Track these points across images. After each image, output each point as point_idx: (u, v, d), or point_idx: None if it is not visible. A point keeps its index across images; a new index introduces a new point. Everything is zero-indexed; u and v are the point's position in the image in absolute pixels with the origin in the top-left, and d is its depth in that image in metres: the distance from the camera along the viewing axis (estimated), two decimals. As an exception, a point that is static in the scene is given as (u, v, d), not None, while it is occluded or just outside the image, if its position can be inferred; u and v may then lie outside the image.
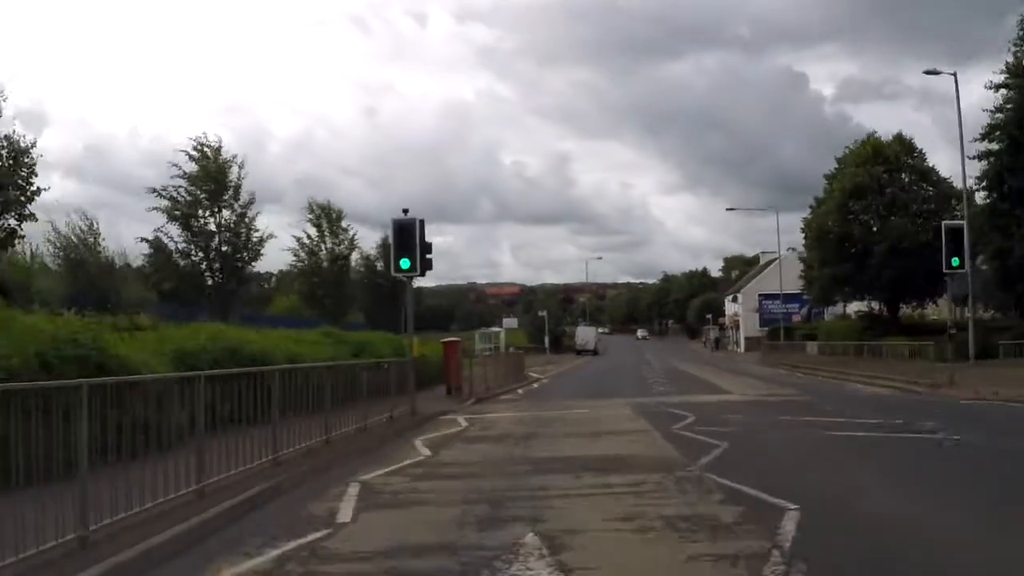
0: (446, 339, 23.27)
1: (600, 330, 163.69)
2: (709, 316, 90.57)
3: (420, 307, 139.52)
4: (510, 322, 67.55)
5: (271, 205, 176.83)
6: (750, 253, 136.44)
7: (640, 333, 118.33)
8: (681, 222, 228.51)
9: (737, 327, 72.33)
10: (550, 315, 77.05)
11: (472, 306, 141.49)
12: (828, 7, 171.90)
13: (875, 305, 44.66)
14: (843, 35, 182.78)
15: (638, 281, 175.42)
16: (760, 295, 71.10)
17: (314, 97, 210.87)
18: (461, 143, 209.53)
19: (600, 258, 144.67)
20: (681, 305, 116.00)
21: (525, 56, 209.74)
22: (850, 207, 39.87)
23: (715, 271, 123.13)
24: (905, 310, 42.41)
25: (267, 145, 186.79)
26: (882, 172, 39.70)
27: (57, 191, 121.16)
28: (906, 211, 38.34)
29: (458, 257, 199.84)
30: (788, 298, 72.01)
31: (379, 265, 47.00)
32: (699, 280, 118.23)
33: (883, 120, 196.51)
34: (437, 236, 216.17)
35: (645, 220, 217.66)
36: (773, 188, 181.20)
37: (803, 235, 43.15)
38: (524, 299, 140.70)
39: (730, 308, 79.21)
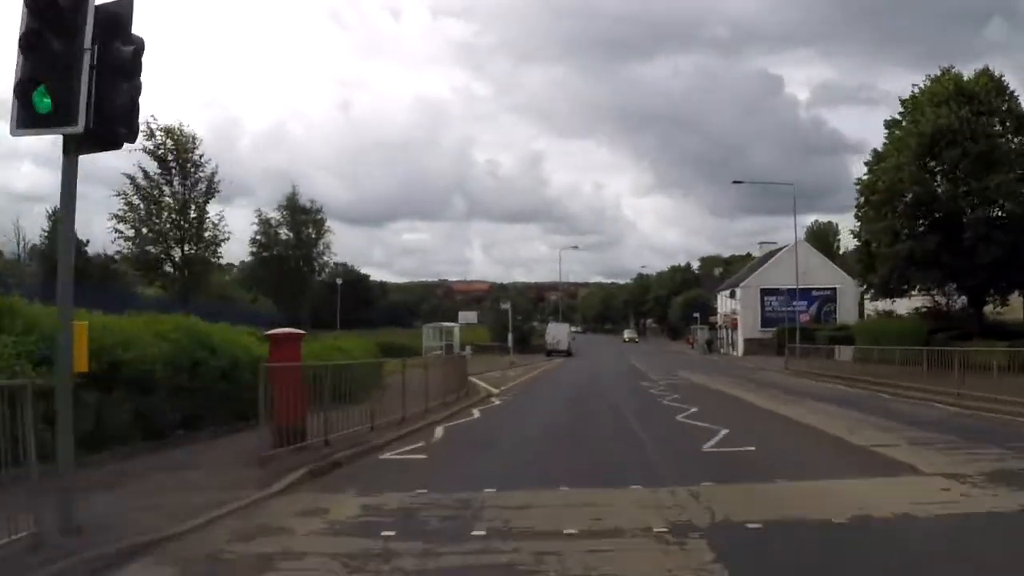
0: (275, 331, 11.50)
1: (573, 329, 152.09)
2: (696, 315, 79.62)
3: (384, 302, 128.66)
4: (467, 316, 55.85)
5: (243, 199, 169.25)
6: (725, 254, 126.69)
7: (628, 335, 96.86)
8: (654, 223, 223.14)
9: (734, 327, 61.34)
10: (517, 310, 65.42)
11: (439, 302, 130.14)
12: (806, 11, 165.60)
13: (940, 300, 33.64)
14: (820, 40, 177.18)
15: (610, 281, 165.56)
16: (762, 290, 60.16)
17: (289, 91, 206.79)
18: (435, 140, 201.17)
19: (576, 247, 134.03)
20: (662, 303, 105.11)
21: (501, 54, 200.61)
22: (927, 164, 28.82)
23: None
24: (988, 305, 31.45)
25: (240, 139, 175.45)
26: (969, 115, 28.60)
27: (29, 180, 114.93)
28: (1010, 167, 27.29)
29: (430, 254, 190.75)
30: (794, 294, 61.14)
31: (283, 232, 35.17)
32: (681, 276, 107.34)
33: (859, 125, 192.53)
34: (409, 233, 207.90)
35: (618, 221, 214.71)
36: (747, 191, 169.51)
37: (858, 200, 31.72)
38: (493, 296, 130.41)
39: (724, 305, 68.22)
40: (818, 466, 8.77)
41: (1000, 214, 27.12)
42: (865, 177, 31.03)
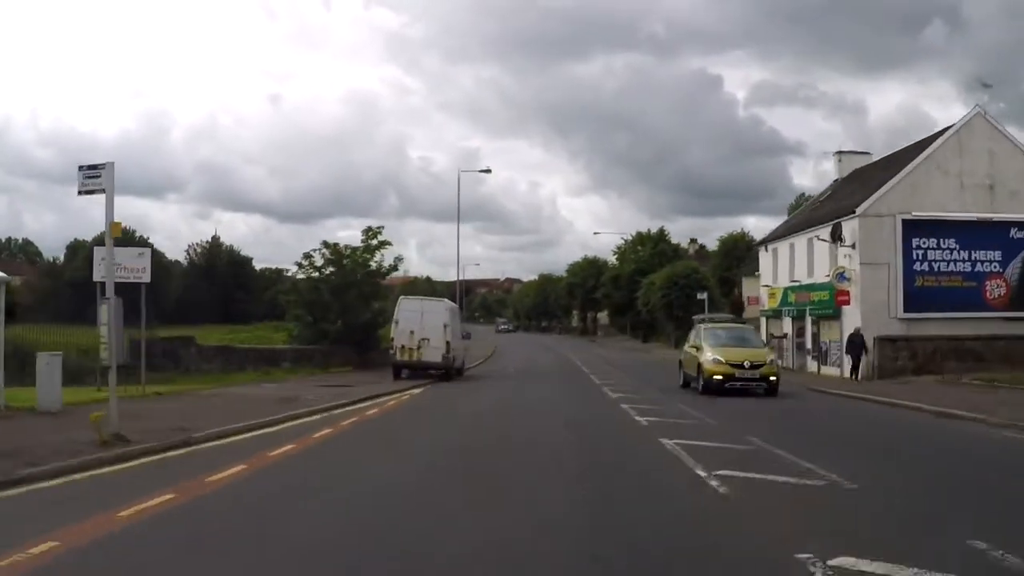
0: None
1: (503, 325, 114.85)
2: (703, 296, 45.62)
3: (270, 293, 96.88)
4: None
5: (174, 193, 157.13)
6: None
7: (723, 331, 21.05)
8: (589, 223, 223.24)
9: (845, 304, 26.48)
10: (356, 286, 29.53)
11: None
12: (743, 13, 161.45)
13: None
14: (756, 40, 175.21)
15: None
16: (908, 222, 25.98)
17: (218, 82, 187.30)
18: (367, 136, 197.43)
19: (488, 171, 70.24)
20: (624, 287, 70.92)
21: (432, 50, 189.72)
22: None
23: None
24: None
25: (170, 131, 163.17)
26: None
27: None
28: None
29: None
30: (977, 234, 27.56)
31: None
32: (652, 248, 73.07)
33: (796, 126, 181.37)
34: (343, 230, 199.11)
35: (553, 220, 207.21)
36: (683, 191, 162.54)
37: None
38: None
39: (775, 272, 33.94)
40: None
41: None
42: None
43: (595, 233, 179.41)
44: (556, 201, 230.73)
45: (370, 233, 29.44)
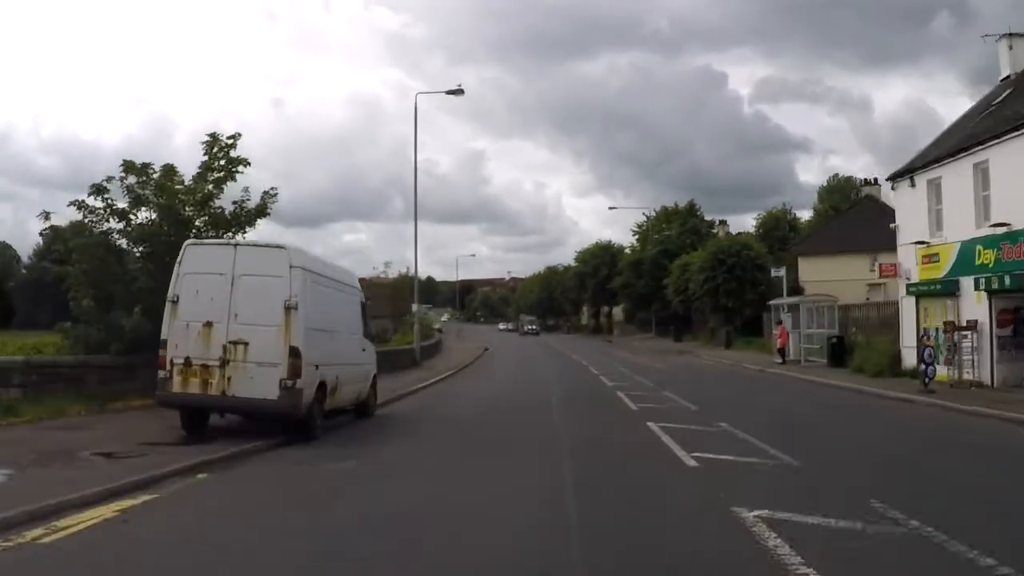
0: None
1: (528, 326, 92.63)
2: (779, 273, 32.26)
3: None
4: None
5: None
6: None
7: None
8: (595, 223, 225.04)
9: None
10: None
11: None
12: (746, 9, 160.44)
13: None
14: (761, 36, 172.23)
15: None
16: None
17: (221, 88, 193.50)
18: (371, 139, 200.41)
19: (460, 91, 47.08)
20: (648, 273, 57.11)
21: (434, 52, 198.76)
22: None
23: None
24: None
25: (174, 136, 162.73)
26: None
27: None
28: None
29: (369, 254, 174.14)
30: None
31: None
32: (681, 225, 58.89)
33: (802, 122, 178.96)
34: (349, 234, 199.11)
35: (558, 220, 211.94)
36: (688, 190, 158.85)
37: None
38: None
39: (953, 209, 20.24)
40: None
41: None
42: None
43: (611, 208, 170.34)
44: (561, 201, 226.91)
45: (216, 147, 15.66)
